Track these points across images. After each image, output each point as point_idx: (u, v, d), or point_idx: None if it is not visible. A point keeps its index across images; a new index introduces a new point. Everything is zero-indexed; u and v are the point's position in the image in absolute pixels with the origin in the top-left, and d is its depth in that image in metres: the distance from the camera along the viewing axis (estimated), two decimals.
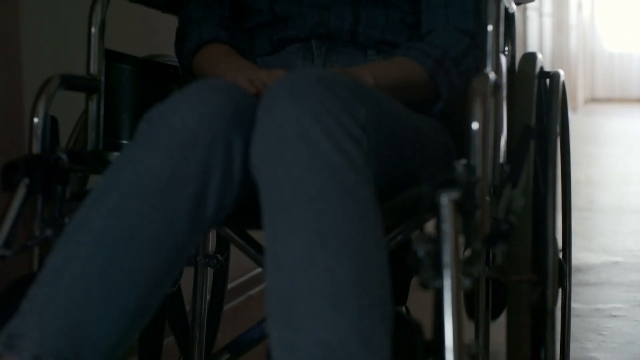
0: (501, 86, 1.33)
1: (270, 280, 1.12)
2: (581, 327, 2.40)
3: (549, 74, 1.67)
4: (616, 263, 3.28)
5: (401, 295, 1.73)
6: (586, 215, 4.27)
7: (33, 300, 1.15)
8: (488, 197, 1.22)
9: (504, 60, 1.40)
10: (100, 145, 1.51)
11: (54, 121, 1.41)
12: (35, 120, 1.39)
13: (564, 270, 1.70)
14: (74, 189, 1.43)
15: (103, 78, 1.51)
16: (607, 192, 5.13)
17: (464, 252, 1.14)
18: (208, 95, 1.25)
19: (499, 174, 1.32)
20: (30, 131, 1.39)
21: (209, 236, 1.86)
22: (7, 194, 1.32)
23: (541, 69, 1.66)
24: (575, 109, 12.75)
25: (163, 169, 1.20)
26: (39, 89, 1.41)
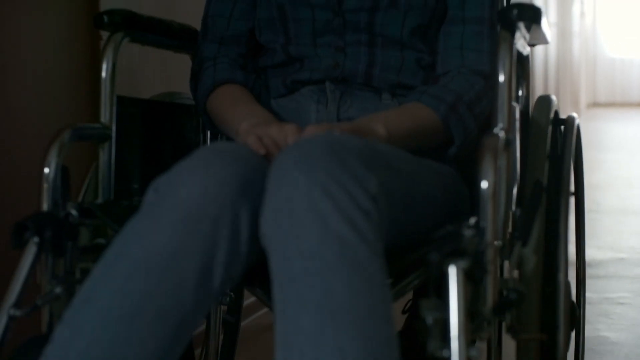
0: (513, 140, 1.32)
1: (280, 359, 1.12)
2: (593, 313, 2.79)
3: (563, 121, 1.64)
4: (622, 259, 3.66)
5: None
6: (593, 216, 4.51)
7: None
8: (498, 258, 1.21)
9: (517, 109, 1.38)
10: (112, 194, 1.49)
11: (64, 171, 1.39)
12: (46, 170, 1.38)
13: (577, 315, 1.68)
14: (84, 242, 1.41)
15: (114, 127, 1.49)
16: (612, 195, 5.42)
17: (472, 319, 1.14)
18: (214, 167, 1.23)
19: (510, 231, 1.31)
20: (40, 183, 1.37)
21: None
22: (18, 251, 1.30)
23: (555, 114, 1.64)
24: (577, 113, 12.77)
25: (169, 244, 1.19)
26: (50, 140, 1.39)
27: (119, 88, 1.51)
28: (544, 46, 9.42)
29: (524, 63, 1.71)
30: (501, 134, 1.27)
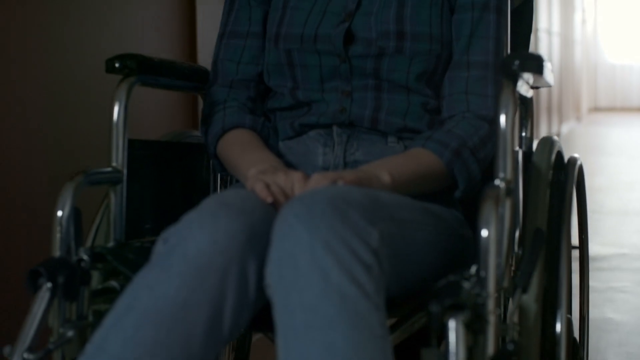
0: (516, 188, 1.32)
1: None
2: (599, 298, 3.27)
3: (564, 164, 1.63)
4: (624, 254, 4.08)
5: None
6: (597, 217, 4.92)
7: None
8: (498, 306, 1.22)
9: (520, 153, 1.38)
10: (123, 236, 1.50)
11: (77, 214, 1.40)
12: (59, 214, 1.38)
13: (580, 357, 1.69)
14: (96, 285, 1.43)
15: (125, 170, 1.50)
16: (614, 198, 5.74)
17: None
18: (222, 220, 1.26)
19: (510, 278, 1.31)
20: (53, 227, 1.38)
21: None
22: (32, 295, 1.32)
23: (558, 154, 1.63)
24: (579, 118, 12.80)
25: (178, 295, 1.22)
26: (63, 186, 1.40)
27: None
28: (548, 55, 9.45)
29: (527, 104, 1.72)
30: (502, 185, 1.27)
